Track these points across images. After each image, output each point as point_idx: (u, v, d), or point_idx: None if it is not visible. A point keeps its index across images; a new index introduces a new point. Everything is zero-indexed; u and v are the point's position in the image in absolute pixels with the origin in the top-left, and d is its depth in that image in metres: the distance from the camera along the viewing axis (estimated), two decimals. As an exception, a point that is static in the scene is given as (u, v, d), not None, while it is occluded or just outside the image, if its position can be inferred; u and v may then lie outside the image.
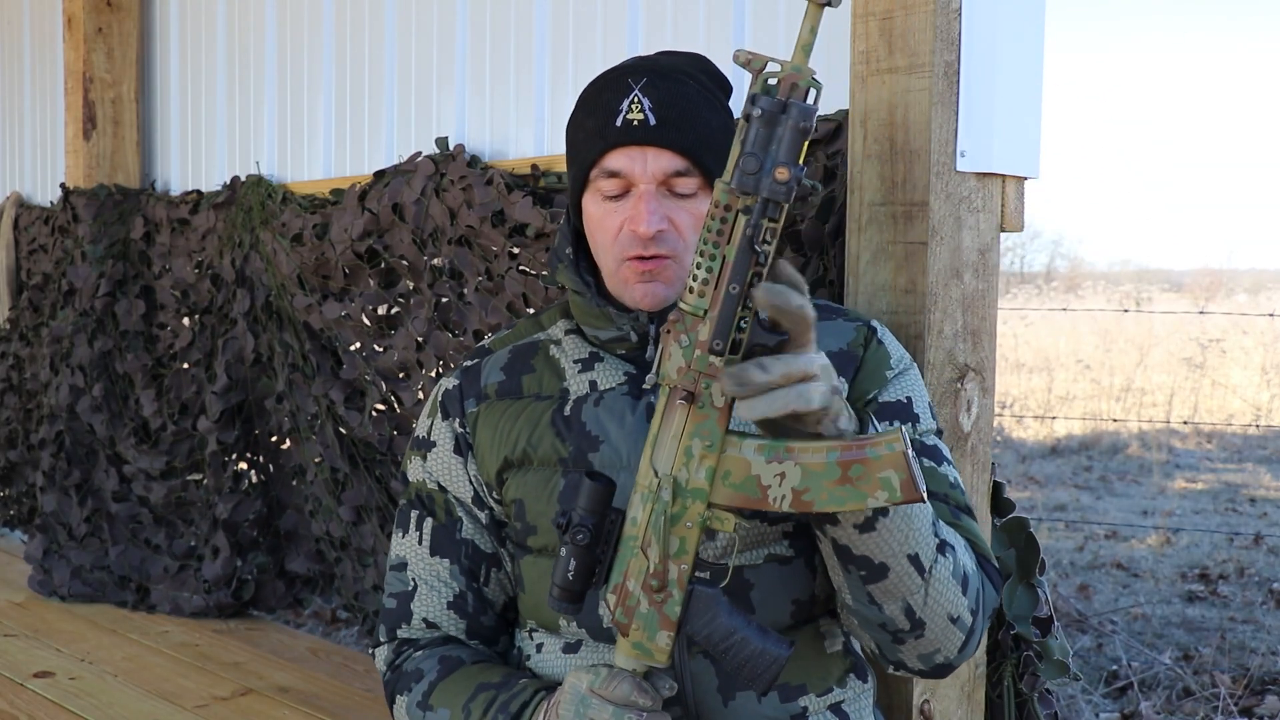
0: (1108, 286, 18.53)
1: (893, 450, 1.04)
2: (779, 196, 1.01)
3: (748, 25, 1.93)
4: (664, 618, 1.11)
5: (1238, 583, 4.66)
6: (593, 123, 1.29)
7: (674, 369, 1.07)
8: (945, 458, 1.32)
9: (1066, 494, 6.39)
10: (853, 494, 1.05)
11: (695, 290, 1.05)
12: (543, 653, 1.36)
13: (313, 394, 2.70)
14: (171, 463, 3.06)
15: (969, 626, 1.21)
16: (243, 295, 2.83)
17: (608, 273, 1.32)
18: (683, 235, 1.27)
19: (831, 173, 1.70)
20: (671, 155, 1.26)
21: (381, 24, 2.65)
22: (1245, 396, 8.99)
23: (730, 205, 1.03)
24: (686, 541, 1.10)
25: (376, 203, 2.43)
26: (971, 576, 1.22)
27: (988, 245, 1.63)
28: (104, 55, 3.29)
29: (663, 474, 1.09)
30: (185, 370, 3.05)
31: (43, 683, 2.46)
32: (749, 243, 1.02)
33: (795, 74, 1.03)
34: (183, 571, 3.03)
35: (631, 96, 1.27)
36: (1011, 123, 1.62)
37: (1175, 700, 3.38)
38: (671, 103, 1.27)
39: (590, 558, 1.13)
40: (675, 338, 1.07)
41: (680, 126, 1.26)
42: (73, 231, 3.28)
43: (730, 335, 1.04)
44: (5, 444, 3.66)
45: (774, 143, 1.02)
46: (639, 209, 1.26)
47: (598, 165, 1.28)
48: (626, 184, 1.27)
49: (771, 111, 1.02)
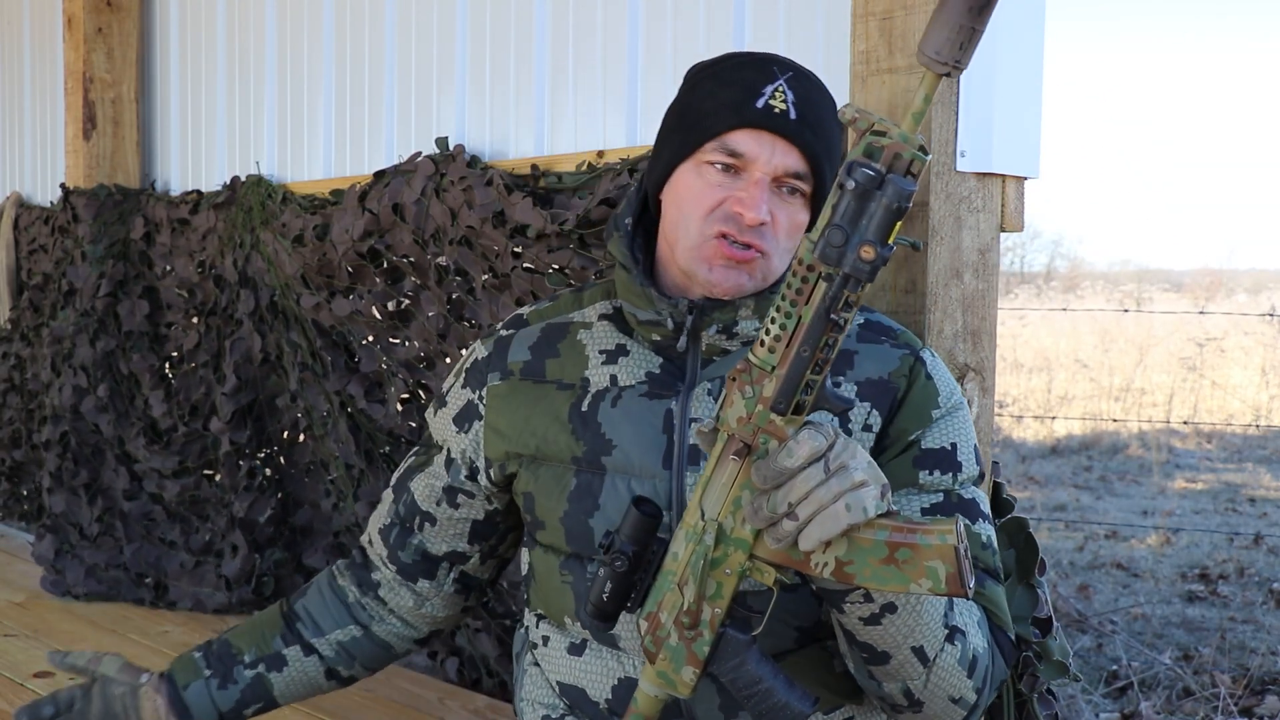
0: (1107, 286, 18.53)
1: (944, 542, 1.02)
2: (861, 275, 0.98)
3: (748, 26, 1.93)
4: (692, 655, 1.12)
5: (1238, 583, 4.66)
6: (728, 95, 1.24)
7: (734, 417, 1.06)
8: (982, 513, 1.29)
9: (1066, 494, 6.39)
10: (896, 576, 1.03)
11: (766, 345, 1.04)
12: (549, 647, 1.36)
13: (325, 391, 2.71)
14: (184, 462, 3.06)
15: (972, 704, 1.21)
16: (246, 296, 2.83)
17: (687, 243, 1.26)
18: (779, 235, 1.25)
19: (831, 173, 1.70)
20: (799, 155, 1.23)
21: (381, 24, 2.65)
22: (1245, 397, 8.99)
23: (814, 267, 1.01)
24: (724, 587, 1.09)
25: (377, 203, 2.43)
26: (981, 656, 1.21)
27: (988, 245, 1.63)
28: (104, 55, 3.29)
29: (709, 518, 1.09)
30: (194, 371, 3.05)
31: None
32: (826, 311, 1.01)
33: (901, 144, 0.98)
34: (200, 567, 3.04)
35: (777, 84, 1.24)
36: (1011, 123, 1.62)
37: (1175, 700, 3.38)
38: (812, 103, 1.25)
39: (627, 583, 1.13)
40: (740, 387, 1.05)
41: (815, 130, 1.24)
42: (73, 231, 3.28)
43: (795, 397, 1.03)
44: (9, 443, 3.66)
45: (865, 218, 0.98)
46: (752, 193, 1.22)
47: (720, 138, 1.23)
48: (741, 167, 1.23)
49: (867, 187, 0.97)
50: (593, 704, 1.32)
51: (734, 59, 1.28)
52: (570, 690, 1.34)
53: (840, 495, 1.01)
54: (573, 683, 1.33)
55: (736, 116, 1.22)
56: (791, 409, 1.04)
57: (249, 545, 2.90)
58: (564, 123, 2.27)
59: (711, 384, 1.29)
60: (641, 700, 1.17)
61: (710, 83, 1.26)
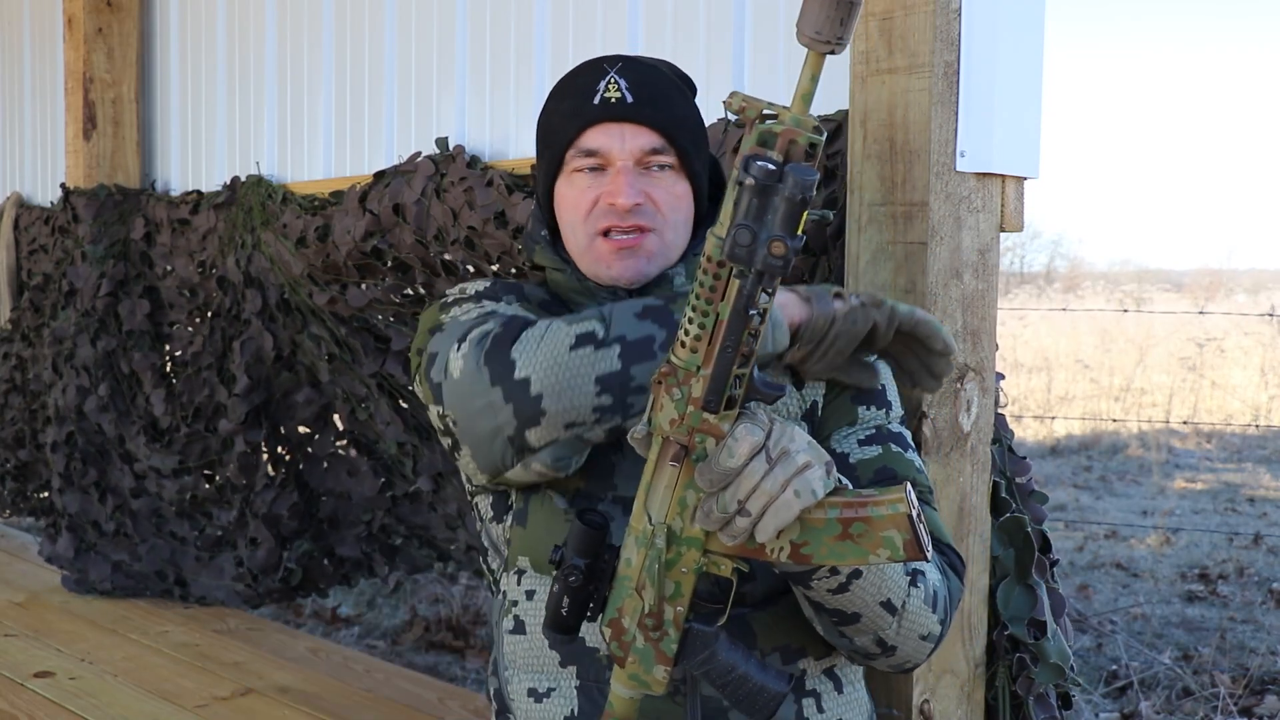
0: (1107, 286, 18.52)
1: (896, 511, 1.02)
2: (774, 271, 0.97)
3: (748, 26, 1.93)
4: (660, 654, 1.12)
5: (1237, 583, 4.66)
6: (569, 105, 1.31)
7: (666, 420, 1.05)
8: (910, 444, 1.33)
9: (1066, 494, 6.39)
10: (853, 550, 1.04)
11: (688, 345, 1.03)
12: (534, 601, 1.32)
13: (359, 376, 2.71)
14: (184, 462, 3.07)
15: (939, 635, 1.22)
16: (253, 295, 2.83)
17: (579, 251, 1.32)
18: (660, 209, 1.29)
19: (831, 173, 1.70)
20: (649, 133, 1.28)
21: (381, 24, 2.65)
22: (1244, 397, 8.98)
23: (723, 263, 0.99)
24: (682, 585, 1.10)
25: (377, 203, 2.43)
26: (939, 588, 1.22)
27: (987, 245, 1.63)
28: (104, 55, 3.29)
29: (656, 521, 1.09)
30: (198, 373, 3.05)
31: (43, 683, 2.46)
32: (744, 308, 1.00)
33: (794, 129, 0.96)
34: (216, 560, 3.05)
35: (608, 78, 1.30)
36: (1011, 123, 1.62)
37: (1175, 700, 3.38)
38: (646, 83, 1.30)
39: (584, 595, 1.13)
40: (667, 390, 1.04)
41: (656, 105, 1.29)
42: (73, 232, 3.29)
43: (725, 393, 1.03)
44: (13, 444, 3.66)
45: (769, 213, 0.96)
46: (617, 182, 1.27)
47: (574, 145, 1.30)
48: (603, 163, 1.29)
49: (766, 182, 0.95)
50: (590, 650, 1.28)
51: (571, 72, 1.35)
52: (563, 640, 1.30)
53: (787, 483, 1.01)
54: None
55: (581, 119, 1.29)
56: (723, 404, 1.03)
57: (275, 539, 2.91)
58: (564, 123, 2.27)
59: None
60: (617, 704, 1.17)
61: (554, 99, 1.35)
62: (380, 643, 3.89)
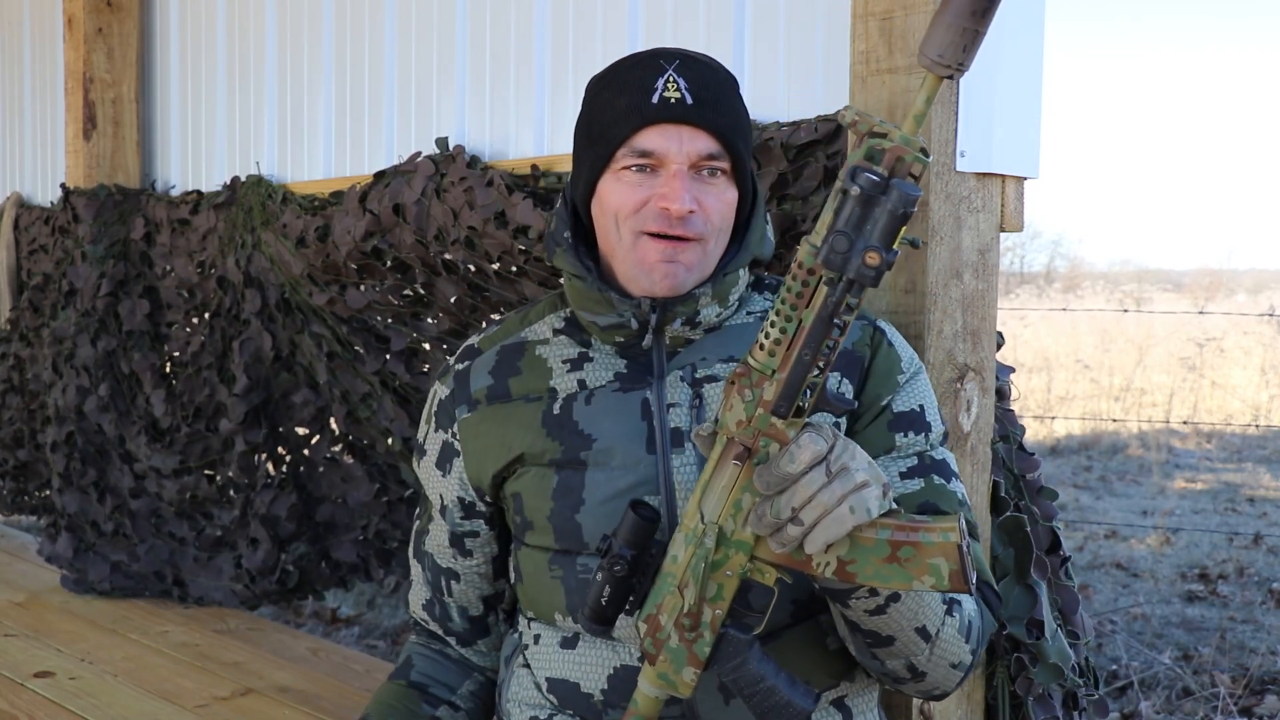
0: (1107, 286, 18.50)
1: (947, 540, 1.03)
2: (866, 281, 0.98)
3: (748, 26, 1.93)
4: (693, 655, 1.12)
5: (1237, 583, 4.66)
6: (625, 100, 1.25)
7: (733, 420, 1.06)
8: (953, 471, 1.30)
9: (1066, 494, 6.39)
10: (899, 574, 1.04)
11: (766, 348, 1.04)
12: (540, 645, 1.36)
13: (362, 374, 2.71)
14: (185, 462, 3.07)
15: (969, 665, 1.22)
16: (253, 295, 2.83)
17: (622, 251, 1.27)
18: (710, 219, 1.25)
19: (832, 173, 1.70)
20: (707, 137, 1.24)
21: (381, 24, 2.65)
22: (1244, 397, 8.98)
23: (814, 271, 1.01)
24: (724, 589, 1.10)
25: (377, 203, 2.43)
26: (974, 619, 1.22)
27: (987, 245, 1.63)
28: (104, 55, 3.28)
29: (709, 520, 1.09)
30: (198, 373, 3.05)
31: (43, 683, 2.46)
32: (829, 316, 1.00)
33: (904, 147, 0.99)
34: (214, 561, 3.05)
35: (666, 75, 1.25)
36: (1011, 123, 1.62)
37: (1175, 700, 3.38)
38: (706, 84, 1.25)
39: (625, 587, 1.14)
40: (739, 390, 1.06)
41: (716, 108, 1.24)
42: (73, 232, 3.28)
43: (796, 400, 1.03)
44: (12, 443, 3.66)
45: (869, 223, 0.98)
46: (673, 186, 1.23)
47: (628, 143, 1.25)
48: (656, 164, 1.24)
49: (871, 193, 0.97)
50: (584, 696, 1.31)
51: (623, 63, 1.30)
52: (560, 686, 1.33)
53: (844, 498, 1.01)
54: (564, 677, 1.32)
55: (638, 117, 1.24)
56: (792, 412, 1.04)
57: (272, 541, 2.91)
58: (564, 123, 2.27)
59: (683, 370, 1.30)
60: (642, 701, 1.17)
61: (607, 92, 1.29)
62: (380, 643, 3.90)
